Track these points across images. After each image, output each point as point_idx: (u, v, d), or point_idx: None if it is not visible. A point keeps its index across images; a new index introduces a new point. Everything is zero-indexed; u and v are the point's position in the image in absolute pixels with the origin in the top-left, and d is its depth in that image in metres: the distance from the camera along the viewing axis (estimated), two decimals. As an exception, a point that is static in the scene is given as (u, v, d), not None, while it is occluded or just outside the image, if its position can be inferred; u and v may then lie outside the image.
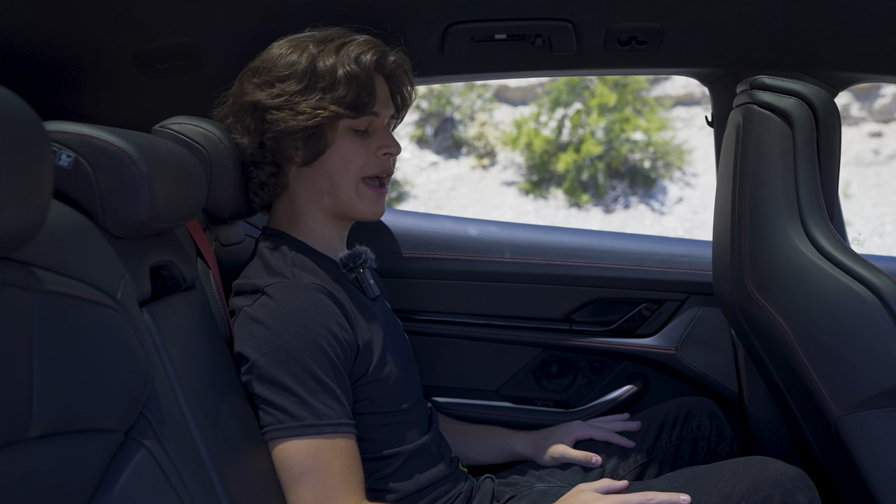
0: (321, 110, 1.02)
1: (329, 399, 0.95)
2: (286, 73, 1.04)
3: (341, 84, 1.03)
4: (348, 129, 1.07)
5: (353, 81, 1.03)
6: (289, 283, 1.00)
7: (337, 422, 0.95)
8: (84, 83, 1.32)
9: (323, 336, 0.96)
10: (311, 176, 1.09)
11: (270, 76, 1.05)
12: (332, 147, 1.07)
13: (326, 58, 1.04)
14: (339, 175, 1.08)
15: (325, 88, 1.03)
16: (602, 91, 9.30)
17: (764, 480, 1.00)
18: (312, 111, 1.02)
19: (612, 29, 1.27)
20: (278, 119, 1.04)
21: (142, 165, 0.77)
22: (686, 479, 1.07)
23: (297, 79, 1.03)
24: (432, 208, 8.97)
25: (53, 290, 0.58)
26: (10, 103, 0.48)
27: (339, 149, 1.07)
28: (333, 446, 0.94)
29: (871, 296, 1.00)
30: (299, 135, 1.05)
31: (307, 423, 0.93)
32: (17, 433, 0.51)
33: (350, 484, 0.95)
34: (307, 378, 0.94)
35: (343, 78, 1.03)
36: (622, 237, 1.61)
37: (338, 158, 1.07)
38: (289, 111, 1.03)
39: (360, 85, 1.04)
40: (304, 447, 0.93)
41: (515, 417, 1.58)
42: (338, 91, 1.03)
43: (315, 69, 1.03)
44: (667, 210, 9.04)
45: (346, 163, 1.07)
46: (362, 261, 1.13)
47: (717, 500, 1.00)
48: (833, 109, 1.10)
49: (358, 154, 1.08)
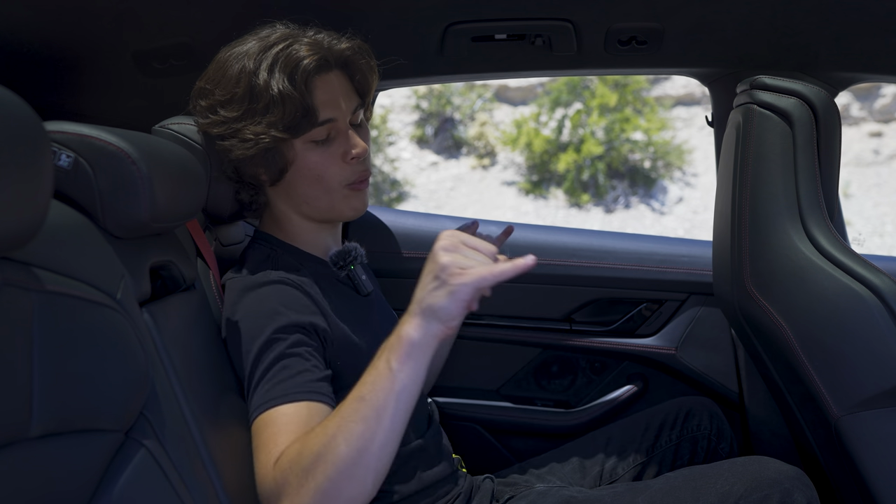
0: (263, 136, 0.99)
1: (284, 381, 0.90)
2: (226, 98, 1.00)
3: (276, 106, 0.98)
4: (308, 142, 1.03)
5: (287, 102, 0.98)
6: (250, 278, 1.00)
7: (290, 392, 0.89)
8: (84, 83, 1.33)
9: (276, 323, 0.94)
10: (285, 190, 1.08)
11: (213, 100, 1.01)
12: (294, 164, 1.04)
13: (262, 73, 0.98)
14: (310, 188, 1.05)
15: (262, 111, 0.99)
16: (602, 91, 9.30)
17: (762, 480, 1.00)
18: (255, 137, 0.99)
19: (613, 29, 1.27)
20: (228, 147, 1.02)
21: (141, 166, 0.77)
22: (685, 478, 1.07)
23: (237, 103, 1.00)
24: (432, 208, 8.97)
25: (53, 290, 0.58)
26: (10, 103, 0.48)
27: (303, 164, 1.04)
28: (283, 410, 0.87)
29: (871, 296, 1.00)
30: (255, 160, 1.03)
31: (257, 403, 0.89)
32: (17, 433, 0.51)
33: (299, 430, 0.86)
34: (263, 364, 0.91)
35: (277, 98, 0.98)
36: (622, 237, 1.61)
37: (305, 173, 1.04)
38: (234, 139, 1.00)
39: (293, 105, 0.98)
40: (259, 420, 0.88)
41: (516, 417, 1.58)
42: (273, 114, 0.98)
43: (251, 90, 0.98)
44: (667, 210, 9.04)
45: (316, 175, 1.04)
46: (352, 258, 1.12)
47: (716, 499, 1.00)
48: (833, 109, 1.10)
49: (325, 165, 1.04)
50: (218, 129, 1.01)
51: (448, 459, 1.18)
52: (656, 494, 1.05)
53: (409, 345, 0.80)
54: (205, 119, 1.03)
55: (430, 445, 1.13)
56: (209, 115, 1.02)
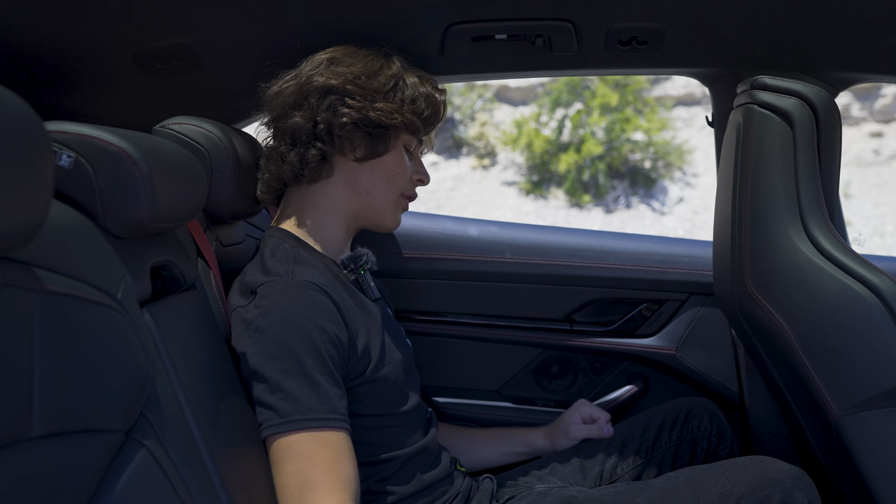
0: (398, 115, 1.08)
1: (315, 395, 0.93)
2: (369, 72, 1.08)
3: (422, 99, 1.11)
4: (403, 146, 1.13)
5: (432, 102, 1.12)
6: (280, 282, 1.00)
7: (324, 416, 0.93)
8: (84, 83, 1.33)
9: (312, 332, 0.95)
10: (358, 173, 1.10)
11: (355, 69, 1.08)
12: (389, 154, 1.11)
13: (409, 76, 1.11)
14: (383, 180, 1.11)
15: (407, 99, 1.09)
16: (603, 91, 9.29)
17: (763, 479, 1.00)
18: (391, 112, 1.07)
19: (613, 29, 1.27)
20: (355, 107, 1.06)
21: (142, 165, 0.77)
22: (686, 478, 1.07)
23: (385, 80, 1.08)
24: (433, 208, 8.97)
25: (54, 290, 0.58)
26: (10, 103, 0.49)
27: (394, 158, 1.12)
28: (318, 438, 0.92)
29: (871, 296, 1.00)
30: (366, 130, 1.07)
31: (291, 418, 0.92)
32: (18, 433, 0.51)
33: (334, 476, 0.91)
34: (295, 374, 0.93)
35: (424, 95, 1.11)
36: (623, 237, 1.61)
37: (391, 166, 1.12)
38: (368, 103, 1.06)
39: (435, 107, 1.13)
40: (290, 442, 0.92)
41: (516, 418, 1.58)
42: (418, 105, 1.10)
43: (398, 83, 1.09)
44: (667, 210, 9.04)
45: (396, 173, 1.12)
46: (363, 262, 1.13)
47: (717, 498, 1.00)
48: (833, 109, 1.10)
49: (404, 170, 1.13)
50: (360, 90, 1.07)
51: (446, 460, 1.18)
52: (657, 494, 1.05)
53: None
54: (338, 77, 1.06)
55: (428, 448, 1.14)
56: (347, 78, 1.07)
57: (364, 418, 1.04)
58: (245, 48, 1.28)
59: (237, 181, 1.14)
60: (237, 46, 1.27)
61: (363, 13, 1.19)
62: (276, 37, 1.23)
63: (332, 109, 1.06)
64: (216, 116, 1.20)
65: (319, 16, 1.18)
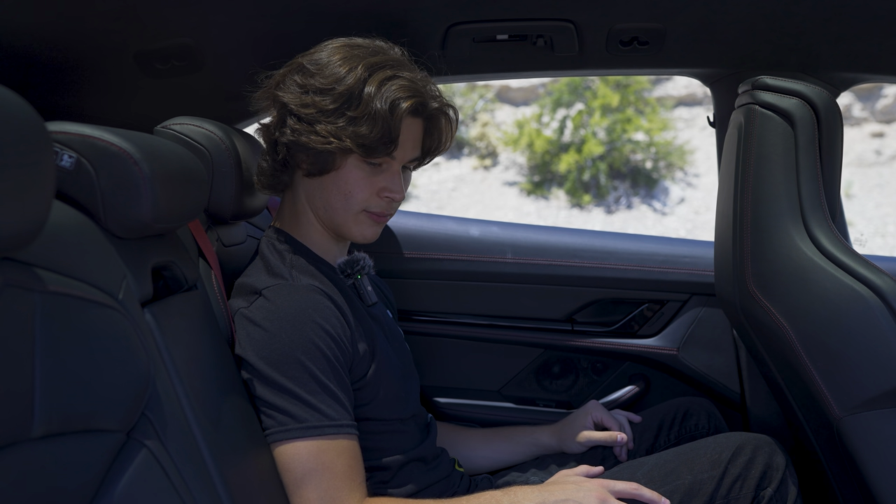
0: (335, 139, 0.99)
1: (329, 400, 0.95)
2: (326, 87, 1.00)
3: (368, 121, 0.99)
4: (360, 161, 1.04)
5: (380, 124, 0.99)
6: (286, 285, 1.00)
7: (339, 422, 0.95)
8: (86, 83, 1.33)
9: (320, 337, 0.96)
10: (312, 187, 1.07)
11: (312, 82, 1.01)
12: (336, 172, 1.04)
13: (369, 88, 1.00)
14: (336, 199, 1.05)
15: (352, 119, 0.99)
16: (604, 91, 9.28)
17: (745, 446, 1.13)
18: (327, 137, 0.99)
19: (614, 29, 1.27)
20: (296, 129, 1.02)
21: (144, 166, 0.77)
22: (676, 453, 1.17)
23: (333, 98, 1.00)
24: (434, 209, 8.97)
25: (55, 290, 0.58)
26: (11, 104, 0.49)
27: (343, 176, 1.04)
28: (336, 447, 0.94)
29: (872, 296, 0.99)
30: (307, 148, 1.03)
31: (309, 424, 0.93)
32: (19, 433, 0.52)
33: (353, 483, 0.95)
34: (307, 379, 0.94)
35: (372, 115, 0.99)
36: (624, 238, 1.61)
37: (340, 184, 1.05)
38: (307, 126, 1.01)
39: (385, 130, 1.00)
40: (307, 448, 0.93)
41: (517, 418, 1.58)
42: (361, 127, 0.99)
43: (351, 95, 1.00)
44: (668, 210, 9.03)
45: (347, 192, 1.05)
46: (360, 267, 1.13)
47: (708, 465, 1.11)
48: (835, 110, 1.10)
49: (360, 187, 1.05)
50: (304, 110, 1.01)
51: (445, 462, 1.18)
52: (654, 469, 1.13)
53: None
54: (290, 93, 1.03)
55: (427, 453, 1.14)
56: (299, 93, 1.02)
57: (364, 423, 1.04)
58: (246, 49, 1.28)
59: (238, 181, 1.14)
60: (238, 47, 1.27)
61: (364, 14, 1.20)
62: (277, 37, 1.23)
63: (281, 125, 1.04)
64: (217, 117, 1.20)
65: (321, 17, 1.18)
